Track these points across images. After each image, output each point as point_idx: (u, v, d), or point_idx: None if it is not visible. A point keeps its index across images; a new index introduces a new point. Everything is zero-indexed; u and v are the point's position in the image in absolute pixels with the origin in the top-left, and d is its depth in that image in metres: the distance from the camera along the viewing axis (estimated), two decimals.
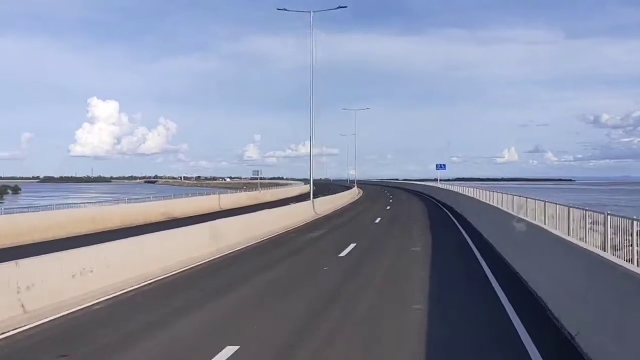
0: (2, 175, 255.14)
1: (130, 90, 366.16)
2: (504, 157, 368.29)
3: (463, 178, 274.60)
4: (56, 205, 24.34)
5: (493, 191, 25.23)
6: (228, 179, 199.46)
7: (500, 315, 8.38)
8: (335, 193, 48.68)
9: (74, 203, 26.00)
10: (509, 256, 13.37)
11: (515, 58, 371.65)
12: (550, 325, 7.68)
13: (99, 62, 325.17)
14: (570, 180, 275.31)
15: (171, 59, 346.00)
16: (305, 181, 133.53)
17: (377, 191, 76.57)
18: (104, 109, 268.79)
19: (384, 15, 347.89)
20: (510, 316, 8.23)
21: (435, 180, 67.75)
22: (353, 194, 57.65)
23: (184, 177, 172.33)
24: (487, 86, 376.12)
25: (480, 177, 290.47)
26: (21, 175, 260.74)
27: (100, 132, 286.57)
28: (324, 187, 65.84)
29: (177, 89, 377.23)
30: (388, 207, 39.09)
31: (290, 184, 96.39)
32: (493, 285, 10.76)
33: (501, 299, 9.47)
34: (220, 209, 32.71)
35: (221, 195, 37.87)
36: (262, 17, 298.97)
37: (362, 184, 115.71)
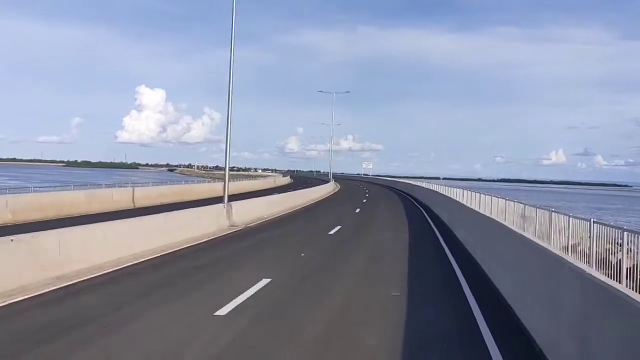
0: (42, 158, 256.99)
1: (178, 80, 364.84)
2: (551, 159, 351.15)
3: (507, 179, 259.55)
4: None
5: None
6: (260, 170, 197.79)
7: None
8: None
9: None
10: None
11: (567, 58, 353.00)
12: None
13: (152, 51, 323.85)
14: (627, 186, 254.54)
15: (220, 50, 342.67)
16: (287, 172, 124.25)
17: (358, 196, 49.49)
18: (152, 97, 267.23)
19: (435, 11, 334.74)
20: None
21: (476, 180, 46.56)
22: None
23: (196, 166, 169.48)
24: (536, 86, 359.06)
25: (527, 178, 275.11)
26: (61, 159, 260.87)
27: (147, 120, 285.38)
28: (301, 181, 60.16)
29: (224, 79, 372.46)
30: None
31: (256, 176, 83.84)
32: None
33: None
34: None
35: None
36: (313, 10, 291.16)
37: (360, 181, 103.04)
